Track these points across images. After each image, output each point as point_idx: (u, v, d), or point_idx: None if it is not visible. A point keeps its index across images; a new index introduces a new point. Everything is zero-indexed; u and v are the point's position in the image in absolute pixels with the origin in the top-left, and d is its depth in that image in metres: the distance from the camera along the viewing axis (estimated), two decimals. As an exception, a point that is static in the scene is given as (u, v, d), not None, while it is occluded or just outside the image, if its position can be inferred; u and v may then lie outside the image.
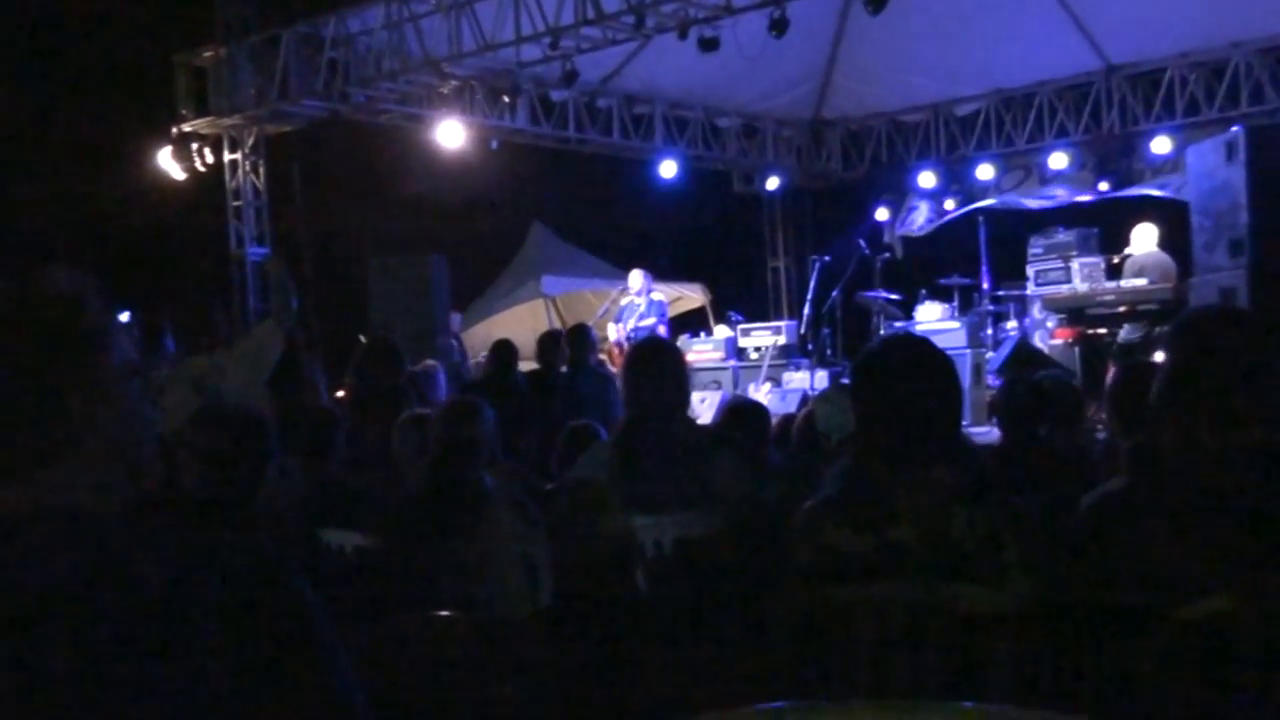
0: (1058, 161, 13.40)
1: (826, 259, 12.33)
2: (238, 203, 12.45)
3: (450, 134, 11.70)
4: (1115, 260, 10.82)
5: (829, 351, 12.04)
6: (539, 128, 12.73)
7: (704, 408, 10.54)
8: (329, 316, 12.44)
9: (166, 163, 12.15)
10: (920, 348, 2.60)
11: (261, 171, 12.46)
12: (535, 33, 9.83)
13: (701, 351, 12.63)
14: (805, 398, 9.81)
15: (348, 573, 3.97)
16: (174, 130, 12.11)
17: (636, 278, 12.18)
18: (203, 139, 12.13)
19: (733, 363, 12.51)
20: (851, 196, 15.48)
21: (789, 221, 16.20)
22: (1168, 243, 10.62)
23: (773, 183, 15.22)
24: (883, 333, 11.34)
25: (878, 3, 9.14)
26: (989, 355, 11.14)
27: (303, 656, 1.28)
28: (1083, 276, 10.86)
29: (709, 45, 9.93)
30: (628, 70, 12.55)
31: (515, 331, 12.00)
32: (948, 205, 14.67)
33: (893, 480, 2.44)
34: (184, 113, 12.07)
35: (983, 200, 14.26)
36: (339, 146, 14.62)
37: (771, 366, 12.19)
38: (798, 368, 11.99)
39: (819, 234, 15.36)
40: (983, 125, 13.87)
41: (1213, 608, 2.06)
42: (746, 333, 12.85)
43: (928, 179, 14.43)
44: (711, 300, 16.12)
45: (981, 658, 2.28)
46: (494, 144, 12.56)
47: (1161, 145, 12.50)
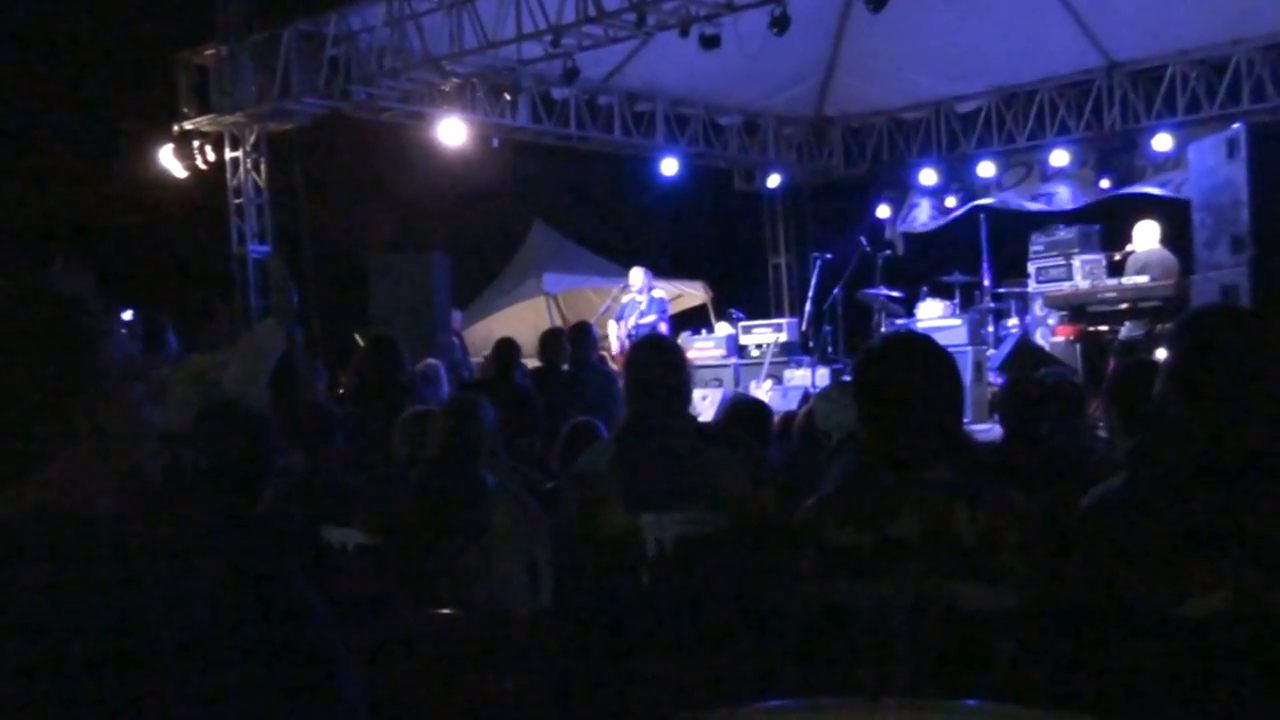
0: (1059, 159, 13.40)
1: (828, 256, 12.33)
2: (239, 200, 12.45)
3: (451, 132, 11.70)
4: (1117, 257, 10.82)
5: (830, 349, 12.04)
6: (540, 125, 12.72)
7: (705, 405, 10.55)
8: (330, 314, 12.45)
9: (168, 161, 12.15)
10: (922, 345, 2.61)
11: (263, 169, 12.45)
12: (536, 30, 9.82)
13: (703, 349, 12.64)
14: (807, 395, 9.81)
15: (348, 571, 3.97)
16: (175, 128, 12.11)
17: (638, 275, 12.17)
18: (204, 137, 12.13)
19: (734, 360, 12.51)
20: (853, 194, 15.47)
21: (790, 219, 16.18)
22: (1169, 240, 10.62)
23: (774, 180, 15.21)
24: (884, 330, 11.34)
25: (879, 0, 9.14)
26: (990, 353, 11.13)
27: (304, 659, 1.28)
28: (1084, 274, 10.86)
29: (710, 43, 9.92)
30: (629, 68, 12.55)
31: (516, 329, 12.01)
32: (949, 202, 14.66)
33: (894, 478, 2.45)
34: (185, 110, 12.08)
35: (984, 197, 14.25)
36: (340, 144, 14.64)
37: (773, 364, 12.19)
38: (799, 365, 11.99)
39: (820, 231, 15.35)
40: (984, 122, 13.85)
41: (1213, 606, 2.06)
42: (748, 330, 12.85)
43: (929, 176, 14.42)
44: (713, 298, 16.11)
45: (983, 655, 2.28)
46: (495, 142, 12.56)
47: (1163, 142, 12.48)
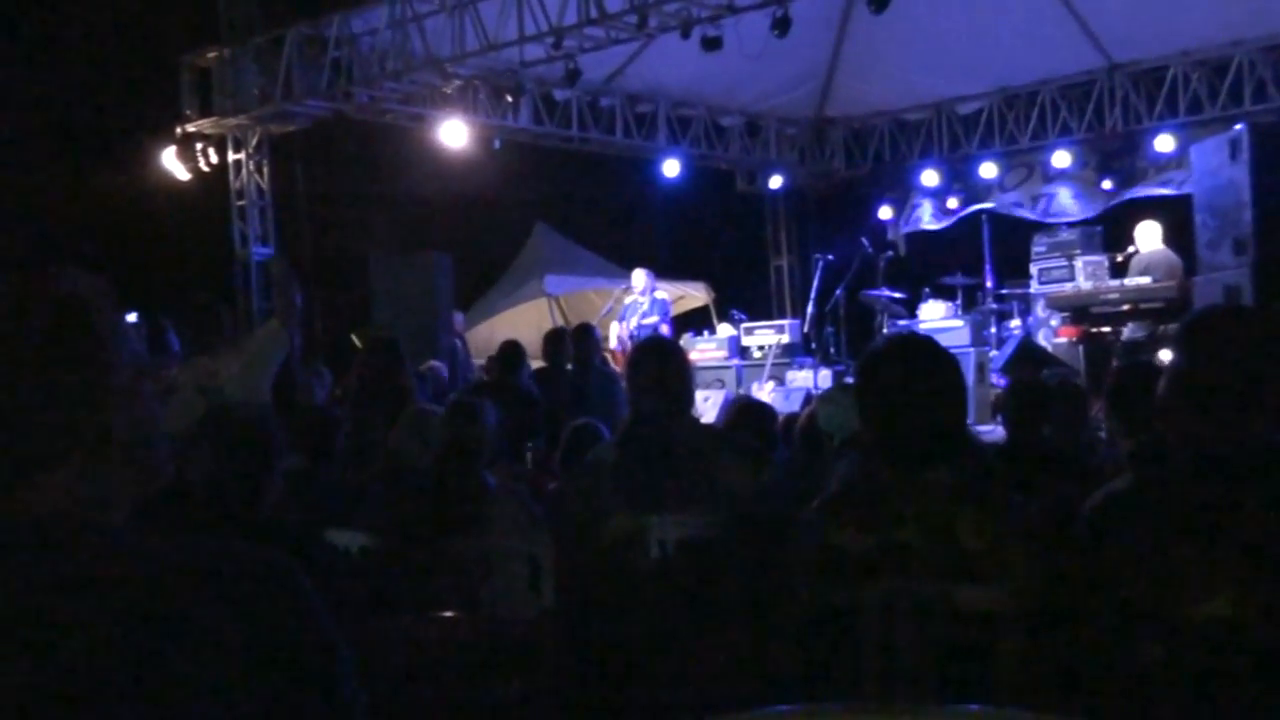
0: (1061, 160, 13.38)
1: (829, 257, 12.33)
2: (242, 203, 12.46)
3: (453, 134, 11.70)
4: (1120, 258, 10.81)
5: (832, 350, 12.04)
6: (542, 127, 12.72)
7: (707, 406, 10.54)
8: (332, 316, 12.46)
9: (171, 163, 12.15)
10: (925, 346, 2.60)
11: (265, 171, 12.47)
12: (538, 32, 9.83)
13: (705, 350, 12.63)
14: (809, 396, 9.81)
15: (351, 573, 3.97)
16: (178, 131, 12.11)
17: (640, 277, 12.17)
18: (207, 139, 12.13)
19: (736, 361, 12.51)
20: (854, 195, 15.47)
21: (792, 220, 16.18)
22: (1172, 240, 10.61)
23: (775, 181, 15.20)
24: (886, 331, 11.33)
25: (880, 1, 9.13)
26: (993, 354, 11.13)
27: (309, 665, 1.28)
28: (1086, 275, 10.86)
29: (712, 44, 9.92)
30: (631, 70, 12.55)
31: (518, 331, 12.00)
32: (951, 203, 14.66)
33: (897, 480, 2.44)
34: (188, 113, 12.09)
35: (986, 198, 14.25)
36: (342, 146, 14.64)
37: (775, 365, 12.19)
38: (801, 366, 11.99)
39: (822, 232, 15.34)
40: (985, 124, 13.84)
41: (1216, 609, 2.05)
42: (750, 331, 12.85)
43: (930, 177, 14.41)
44: (714, 299, 16.10)
45: (986, 658, 2.28)
46: (497, 143, 12.56)
47: (1165, 143, 12.47)
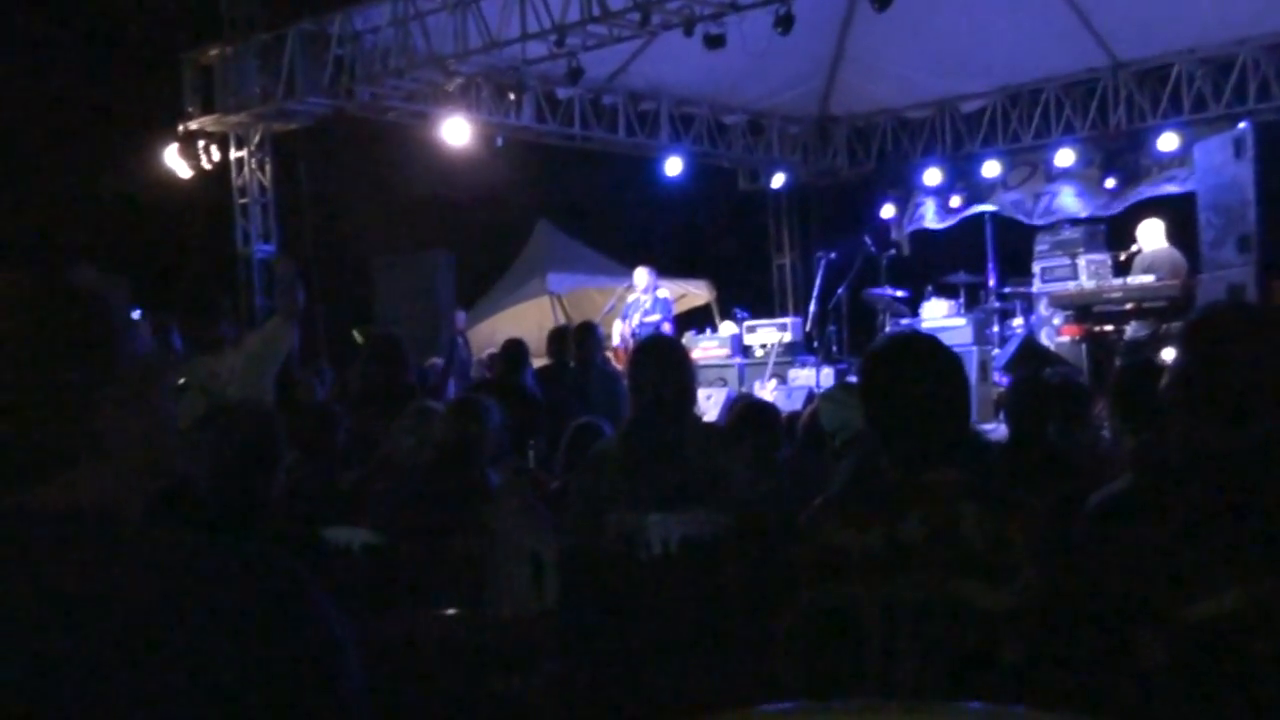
0: (1064, 158, 13.36)
1: (832, 255, 12.32)
2: (244, 200, 12.46)
3: (456, 131, 11.69)
4: (1123, 257, 10.80)
5: (835, 348, 12.03)
6: (544, 125, 12.71)
7: (709, 405, 10.54)
8: (335, 314, 12.45)
9: (173, 161, 12.15)
10: (928, 345, 2.60)
11: (268, 169, 12.47)
12: (541, 30, 9.82)
13: (707, 348, 12.63)
14: (811, 395, 9.81)
15: (354, 571, 3.97)
16: (180, 128, 12.11)
17: (642, 275, 12.16)
18: (209, 137, 12.13)
19: (738, 360, 12.51)
20: (857, 193, 15.45)
21: (794, 218, 16.17)
22: (1175, 238, 10.60)
23: (778, 179, 15.18)
24: (889, 329, 11.33)
25: (883, -1, 9.13)
26: (995, 353, 11.13)
27: (314, 663, 1.27)
28: (1089, 273, 10.84)
29: (714, 42, 9.91)
30: (633, 67, 12.54)
31: (521, 329, 12.01)
32: (953, 202, 14.63)
33: (901, 478, 2.44)
34: (190, 110, 12.08)
35: (989, 197, 14.24)
36: (345, 144, 14.62)
37: (777, 363, 12.18)
38: (803, 365, 11.98)
39: (824, 231, 15.33)
40: (989, 122, 13.82)
41: (1220, 607, 2.05)
42: (752, 329, 12.85)
43: (933, 176, 14.39)
44: (717, 297, 16.10)
45: (989, 656, 2.27)
46: (499, 141, 12.55)
47: (1169, 142, 12.44)
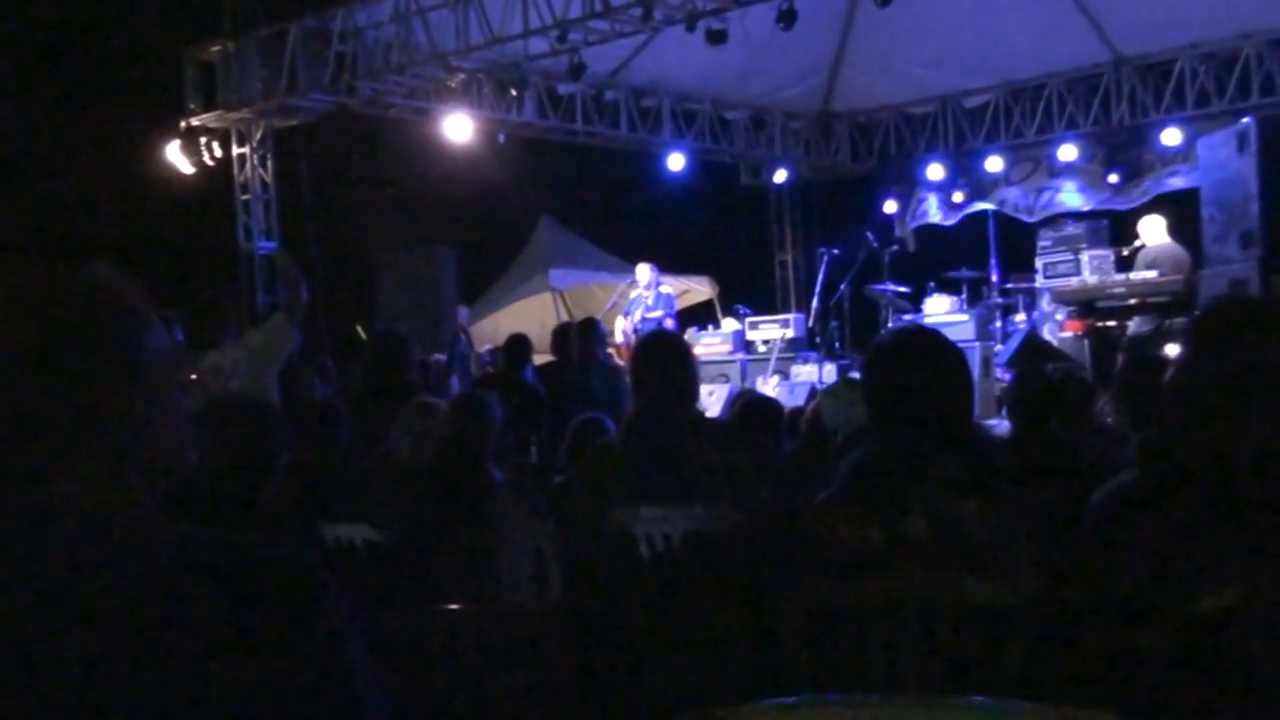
0: (1067, 154, 13.34)
1: (834, 251, 12.32)
2: (246, 197, 12.46)
3: (458, 127, 11.69)
4: (1126, 252, 10.78)
5: (837, 344, 12.03)
6: (546, 121, 12.70)
7: (712, 401, 10.54)
8: (337, 310, 12.45)
9: (175, 157, 12.15)
10: (932, 340, 2.60)
11: (269, 165, 12.47)
12: (543, 26, 9.82)
13: (709, 344, 12.63)
14: (814, 391, 9.80)
15: (357, 567, 3.98)
16: (182, 124, 12.11)
17: (644, 271, 12.16)
18: (211, 133, 12.13)
19: (740, 356, 12.51)
20: (859, 189, 15.45)
21: (797, 214, 16.16)
22: (1177, 233, 10.59)
23: (780, 175, 15.17)
24: (892, 325, 11.32)
25: (886, -6, 9.12)
26: (998, 348, 11.12)
27: (322, 657, 1.27)
28: (1092, 269, 10.83)
29: (717, 38, 9.90)
30: (635, 63, 12.53)
31: (523, 325, 12.00)
32: (956, 198, 14.62)
33: (904, 473, 2.44)
34: (192, 107, 12.08)
35: (992, 192, 14.23)
36: (347, 140, 14.64)
37: (779, 359, 12.18)
38: (806, 361, 11.98)
39: (827, 227, 15.32)
40: (991, 117, 13.80)
41: (1224, 602, 2.05)
42: (754, 325, 12.84)
43: (936, 171, 14.38)
44: (719, 293, 16.09)
45: (992, 652, 2.27)
46: (501, 138, 12.55)
47: (1171, 137, 12.43)
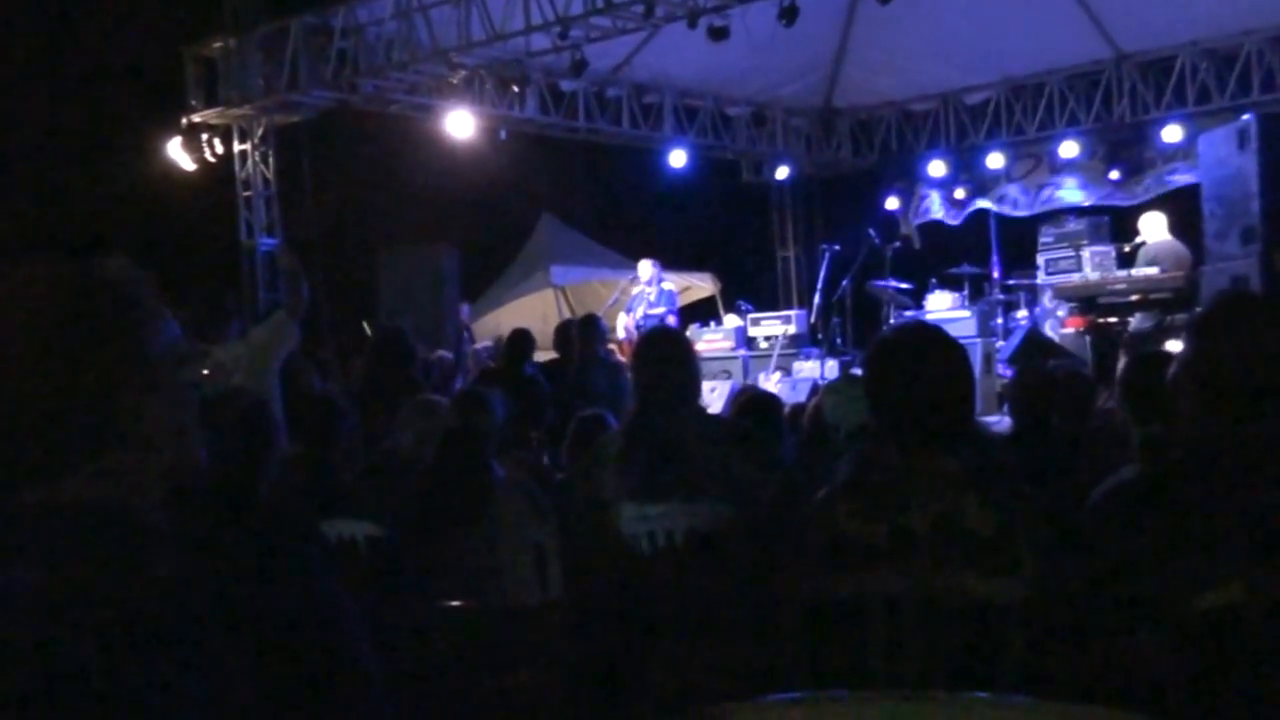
0: (1068, 150, 13.35)
1: (836, 248, 12.31)
2: (247, 193, 12.45)
3: (459, 124, 11.69)
4: (1127, 249, 10.78)
5: (839, 340, 12.02)
6: (548, 118, 12.70)
7: (714, 397, 10.53)
8: (339, 307, 12.46)
9: (176, 153, 12.15)
10: (933, 336, 2.60)
11: (271, 162, 12.46)
12: (544, 22, 9.81)
13: (711, 341, 12.62)
14: (816, 387, 9.79)
15: (358, 563, 3.98)
16: (183, 121, 12.11)
17: (646, 267, 12.17)
18: (212, 130, 12.13)
19: (742, 352, 12.50)
20: (861, 185, 15.44)
21: (798, 210, 16.15)
22: (1178, 230, 10.58)
23: (782, 172, 15.18)
24: (894, 321, 11.32)
25: (887, -9, 9.12)
26: (999, 344, 11.12)
27: (324, 651, 1.27)
28: (1093, 265, 10.83)
29: (718, 34, 9.89)
30: (637, 60, 12.53)
31: (524, 322, 11.98)
32: (958, 194, 14.62)
33: (905, 468, 2.44)
34: (193, 103, 12.08)
35: (993, 189, 14.23)
36: (348, 137, 14.64)
37: (781, 356, 12.18)
38: (808, 357, 11.97)
39: (828, 223, 15.33)
40: (993, 114, 13.79)
41: (1226, 598, 2.05)
42: (756, 322, 12.84)
43: (937, 168, 14.38)
44: (721, 289, 16.09)
45: (993, 647, 2.27)
46: (503, 134, 12.55)
47: (1172, 133, 12.43)
